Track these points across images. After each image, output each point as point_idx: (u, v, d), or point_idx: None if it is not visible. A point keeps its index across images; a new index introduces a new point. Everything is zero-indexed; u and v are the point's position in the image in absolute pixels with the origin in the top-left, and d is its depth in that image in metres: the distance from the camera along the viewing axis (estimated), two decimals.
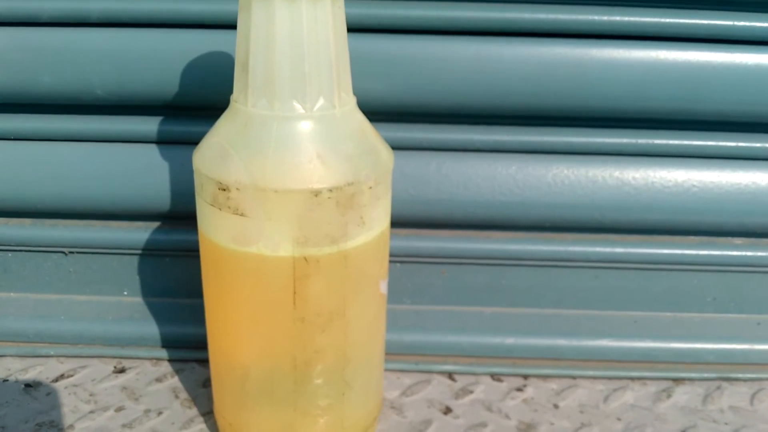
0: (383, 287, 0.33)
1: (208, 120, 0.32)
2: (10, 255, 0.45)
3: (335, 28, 0.28)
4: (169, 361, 0.44)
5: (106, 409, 0.39)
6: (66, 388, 0.41)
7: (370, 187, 0.29)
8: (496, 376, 0.43)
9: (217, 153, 0.29)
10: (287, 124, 0.28)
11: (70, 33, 0.40)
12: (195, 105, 0.41)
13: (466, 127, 0.42)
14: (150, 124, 0.42)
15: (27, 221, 0.45)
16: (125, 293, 0.46)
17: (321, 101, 0.28)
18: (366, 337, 0.33)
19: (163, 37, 0.40)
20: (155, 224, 0.44)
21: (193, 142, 0.33)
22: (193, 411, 0.39)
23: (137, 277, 0.46)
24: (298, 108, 0.28)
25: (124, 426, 0.38)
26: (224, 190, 0.28)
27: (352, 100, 0.30)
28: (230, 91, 0.30)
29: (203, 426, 0.38)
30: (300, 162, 0.28)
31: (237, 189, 0.28)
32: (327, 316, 0.30)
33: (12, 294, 0.46)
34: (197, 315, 0.39)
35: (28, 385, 0.41)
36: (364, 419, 0.35)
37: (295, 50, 0.27)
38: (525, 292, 0.45)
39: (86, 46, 0.40)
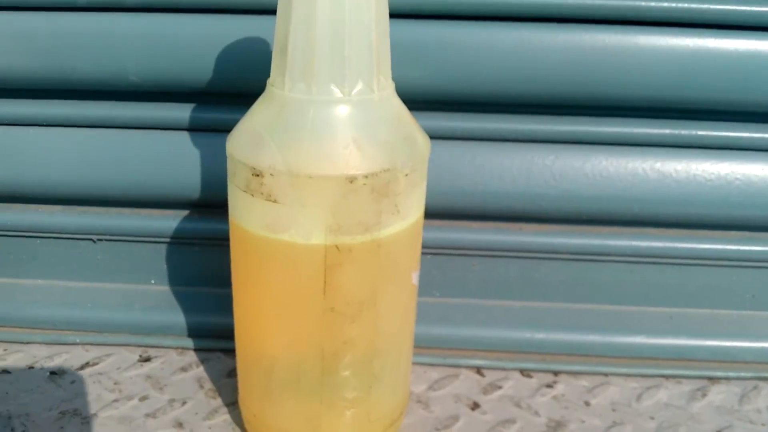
0: (415, 278, 0.33)
1: (240, 107, 0.32)
2: (38, 242, 0.45)
3: (377, 10, 0.27)
4: (195, 350, 0.43)
5: (130, 398, 0.39)
6: (91, 376, 0.41)
7: (406, 175, 0.28)
8: (525, 372, 0.42)
9: (251, 138, 0.28)
10: (324, 109, 0.27)
11: (106, 18, 0.39)
12: (228, 92, 0.40)
13: (502, 117, 0.41)
14: (182, 111, 0.42)
15: (56, 208, 0.45)
16: (152, 282, 0.46)
17: (360, 85, 0.27)
18: (396, 329, 0.32)
19: (198, 23, 0.39)
20: (184, 212, 0.44)
21: (226, 129, 0.32)
22: (218, 401, 0.39)
23: (165, 266, 0.45)
24: (336, 92, 0.27)
25: (147, 416, 0.38)
26: (258, 175, 0.27)
27: (391, 86, 0.29)
28: (264, 77, 0.29)
29: (227, 417, 0.38)
30: (336, 148, 0.27)
31: (271, 175, 0.27)
32: (357, 306, 0.30)
33: (39, 281, 0.46)
34: (224, 304, 0.39)
35: (54, 373, 0.41)
36: (391, 413, 0.35)
37: (336, 32, 0.26)
38: (557, 286, 0.44)
39: (121, 32, 0.39)
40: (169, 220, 0.44)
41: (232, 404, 0.39)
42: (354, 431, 0.33)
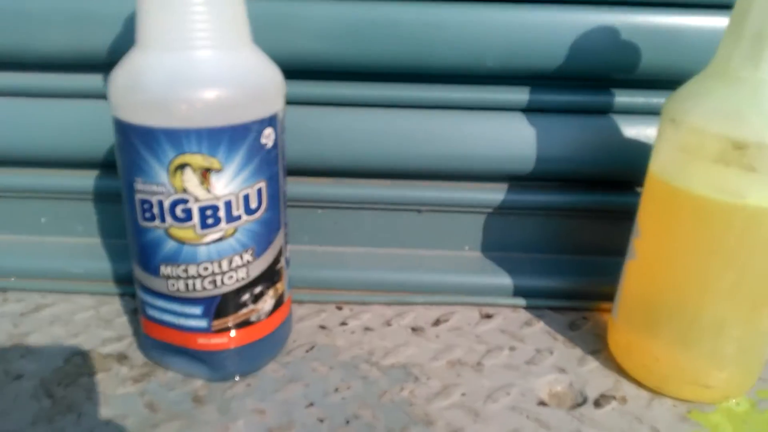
0: None
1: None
2: (366, 212, 0.50)
3: None
4: (525, 308, 0.48)
5: (500, 349, 0.44)
6: (450, 330, 0.46)
7: None
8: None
9: (727, 115, 0.33)
10: None
11: None
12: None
13: None
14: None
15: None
16: (466, 248, 0.51)
17: None
18: None
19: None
20: (503, 185, 0.49)
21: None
22: (578, 350, 0.44)
23: (480, 234, 0.50)
24: None
25: (527, 363, 0.42)
26: (740, 148, 0.32)
27: None
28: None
29: (596, 363, 0.43)
30: None
31: (756, 147, 0.32)
32: None
33: (358, 248, 0.51)
34: (526, 268, 0.44)
35: (414, 329, 0.46)
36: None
37: None
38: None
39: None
40: (496, 193, 0.49)
41: (595, 352, 0.43)
42: (730, 390, 0.38)
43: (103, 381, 0.40)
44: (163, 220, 0.36)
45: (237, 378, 0.41)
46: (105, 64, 0.46)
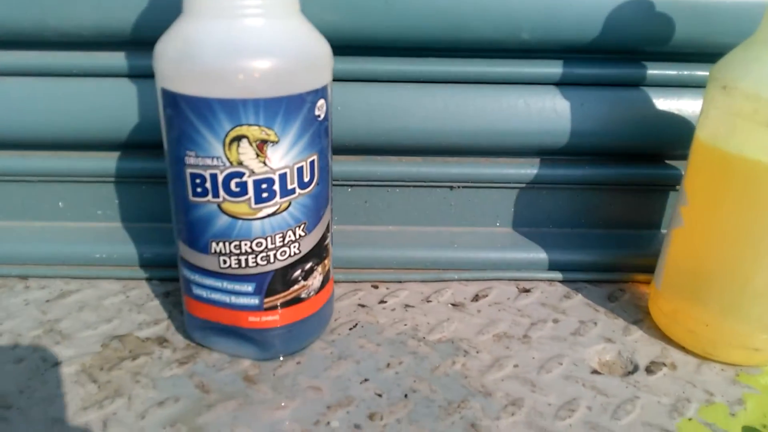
0: None
1: None
2: (397, 190, 0.49)
3: None
4: (561, 282, 0.48)
5: (544, 321, 0.44)
6: (491, 305, 0.45)
7: None
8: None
9: None
10: None
11: None
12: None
13: None
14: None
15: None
16: (497, 224, 0.51)
17: None
18: None
19: None
20: (534, 160, 0.49)
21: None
22: (620, 321, 0.44)
23: (511, 210, 0.50)
24: None
25: (573, 334, 0.43)
26: None
27: None
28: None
29: (640, 332, 0.43)
30: None
31: None
32: None
33: (389, 227, 0.51)
34: (559, 242, 0.45)
35: (454, 305, 0.45)
36: None
37: None
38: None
39: None
40: (528, 168, 0.49)
41: (637, 321, 0.44)
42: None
43: (147, 364, 0.39)
44: (216, 194, 0.35)
45: (281, 357, 0.40)
46: (127, 41, 0.45)
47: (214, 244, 0.36)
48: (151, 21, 0.44)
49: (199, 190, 0.35)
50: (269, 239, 0.36)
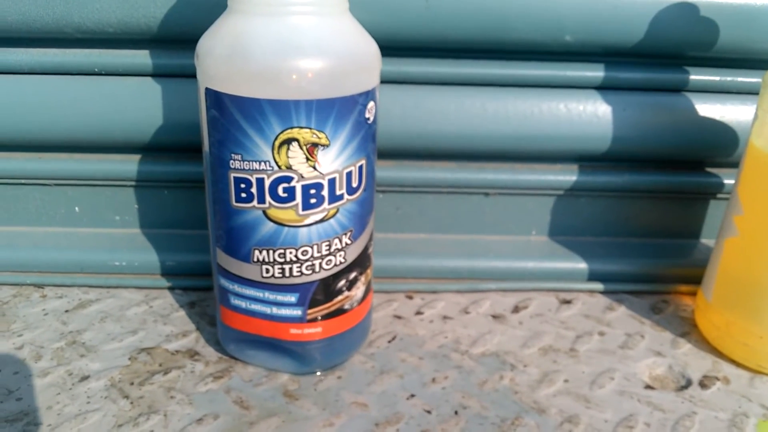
0: None
1: None
2: (430, 197, 0.48)
3: None
4: (602, 293, 0.47)
5: (590, 334, 0.42)
6: (532, 317, 0.44)
7: None
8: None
9: None
10: None
11: None
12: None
13: None
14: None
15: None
16: (533, 232, 0.49)
17: None
18: None
19: None
20: (572, 167, 0.48)
21: None
22: (667, 333, 0.43)
23: (548, 218, 0.49)
24: None
25: (622, 347, 0.41)
26: None
27: None
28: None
29: (689, 346, 0.42)
30: None
31: None
32: None
33: (421, 235, 0.49)
34: (598, 251, 0.44)
35: (495, 317, 0.44)
36: None
37: None
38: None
39: None
40: (554, 174, 0.47)
41: (685, 334, 0.42)
42: None
43: (180, 379, 0.37)
44: (262, 200, 0.33)
45: (318, 372, 0.38)
46: (153, 39, 0.43)
47: (257, 252, 0.34)
48: (178, 18, 0.42)
49: (243, 195, 0.33)
50: (315, 247, 0.34)
